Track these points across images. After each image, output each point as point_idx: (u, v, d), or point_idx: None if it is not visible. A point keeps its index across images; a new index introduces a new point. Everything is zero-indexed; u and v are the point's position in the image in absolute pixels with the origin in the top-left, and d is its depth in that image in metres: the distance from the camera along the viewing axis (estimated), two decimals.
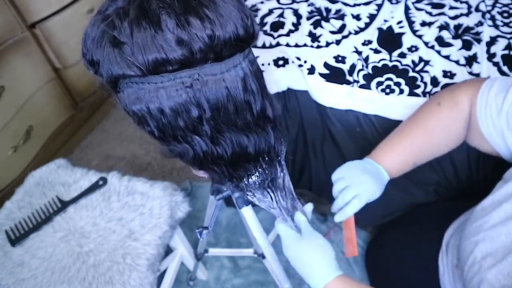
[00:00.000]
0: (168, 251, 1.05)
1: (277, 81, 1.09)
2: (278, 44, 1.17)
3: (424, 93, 0.99)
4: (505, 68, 1.00)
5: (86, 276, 0.88)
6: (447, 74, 1.02)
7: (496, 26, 1.12)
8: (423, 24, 1.17)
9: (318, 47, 1.14)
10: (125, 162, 1.71)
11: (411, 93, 1.00)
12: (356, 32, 1.17)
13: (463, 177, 1.04)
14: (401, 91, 1.01)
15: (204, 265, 1.32)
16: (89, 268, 0.89)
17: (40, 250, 0.92)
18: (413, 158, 0.82)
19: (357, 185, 0.75)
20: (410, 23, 1.18)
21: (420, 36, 1.13)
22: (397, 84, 1.02)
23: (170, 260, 1.10)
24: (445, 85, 0.99)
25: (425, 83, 1.01)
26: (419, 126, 0.83)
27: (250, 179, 0.56)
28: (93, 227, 0.95)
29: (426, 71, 1.04)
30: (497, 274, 0.61)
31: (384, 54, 1.10)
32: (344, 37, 1.16)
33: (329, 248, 0.65)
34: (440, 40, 1.11)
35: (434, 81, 1.01)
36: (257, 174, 0.56)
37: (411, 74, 1.04)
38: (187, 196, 1.06)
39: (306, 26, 1.21)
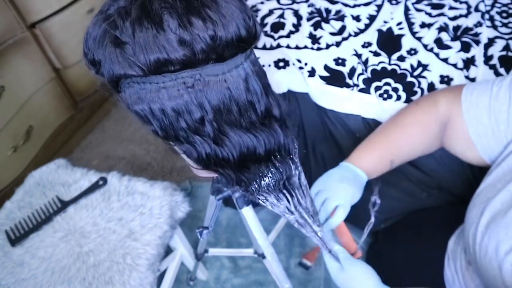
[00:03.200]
0: (168, 251, 1.05)
1: (278, 82, 1.10)
2: (278, 46, 1.17)
3: None
4: (502, 70, 1.00)
5: (86, 276, 0.88)
6: (444, 79, 1.02)
7: (494, 27, 1.12)
8: (423, 25, 1.17)
9: (319, 49, 1.14)
10: (125, 162, 1.71)
11: (408, 100, 1.00)
12: (356, 34, 1.18)
13: (459, 183, 1.04)
14: (399, 97, 1.01)
15: (204, 265, 1.32)
16: (89, 268, 0.89)
17: (40, 250, 0.92)
18: (389, 155, 0.83)
19: (336, 195, 0.75)
20: (410, 24, 1.18)
21: (419, 39, 1.13)
22: (395, 89, 1.03)
23: (170, 260, 1.10)
24: None
25: (422, 89, 1.01)
26: (396, 124, 0.85)
27: (262, 181, 0.54)
28: (93, 227, 0.95)
29: (424, 77, 1.04)
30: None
31: (383, 57, 1.10)
32: (344, 39, 1.17)
33: (371, 271, 0.67)
34: (439, 42, 1.11)
35: (431, 87, 1.01)
36: (270, 175, 0.54)
37: (409, 79, 1.04)
38: (187, 196, 1.06)
39: (306, 27, 1.21)
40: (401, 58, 1.09)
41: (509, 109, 0.73)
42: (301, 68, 1.10)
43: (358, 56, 1.11)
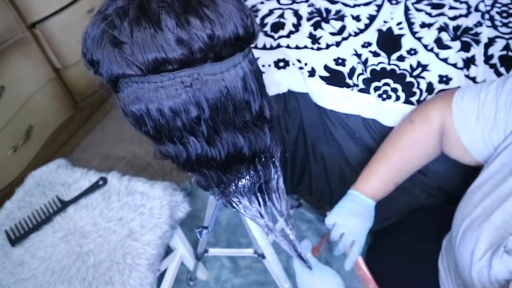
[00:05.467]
0: (168, 251, 1.05)
1: (278, 82, 1.09)
2: (278, 46, 1.17)
3: (419, 102, 0.99)
4: (502, 70, 1.00)
5: (86, 276, 0.88)
6: (443, 79, 1.02)
7: (494, 27, 1.12)
8: (423, 25, 1.17)
9: (319, 49, 1.14)
10: (125, 162, 1.71)
11: (407, 101, 1.00)
12: (356, 34, 1.17)
13: (460, 183, 1.03)
14: (397, 98, 1.01)
15: (204, 265, 1.32)
16: (89, 268, 0.89)
17: (40, 250, 0.92)
18: (393, 179, 0.87)
19: (350, 230, 0.83)
20: (410, 24, 1.18)
21: (419, 39, 1.13)
22: (394, 90, 1.02)
23: (170, 260, 1.10)
24: (440, 92, 0.99)
25: (421, 90, 1.01)
26: (395, 147, 0.88)
27: (239, 182, 0.54)
28: (93, 227, 0.95)
29: (423, 77, 1.04)
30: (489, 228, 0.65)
31: (383, 58, 1.10)
32: (344, 39, 1.16)
33: (338, 279, 0.69)
34: (439, 42, 1.11)
35: (430, 88, 1.01)
36: (247, 177, 0.54)
37: (408, 79, 1.04)
38: (187, 196, 1.06)
39: (306, 27, 1.21)
40: (401, 58, 1.09)
41: (496, 116, 0.74)
42: (301, 68, 1.10)
43: (358, 56, 1.11)
